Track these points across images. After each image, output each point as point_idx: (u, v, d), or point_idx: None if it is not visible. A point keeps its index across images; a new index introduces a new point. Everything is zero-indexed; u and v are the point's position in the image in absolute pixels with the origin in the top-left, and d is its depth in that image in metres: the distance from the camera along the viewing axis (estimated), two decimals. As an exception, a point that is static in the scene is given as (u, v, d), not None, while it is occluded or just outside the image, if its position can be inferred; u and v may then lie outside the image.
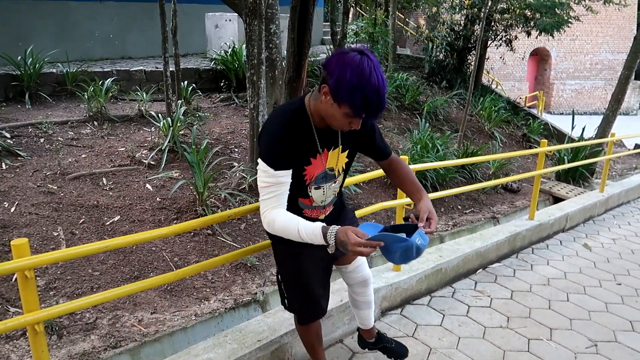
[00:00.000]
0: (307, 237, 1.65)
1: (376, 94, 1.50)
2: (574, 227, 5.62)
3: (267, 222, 1.73)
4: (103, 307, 3.26)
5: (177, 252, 3.92)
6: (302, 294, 2.09)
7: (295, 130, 1.69)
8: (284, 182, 1.70)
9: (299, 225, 1.66)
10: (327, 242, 1.60)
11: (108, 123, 5.81)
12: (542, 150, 4.84)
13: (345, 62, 1.50)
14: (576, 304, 3.70)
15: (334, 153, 1.84)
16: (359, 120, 1.61)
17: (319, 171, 1.82)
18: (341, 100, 1.52)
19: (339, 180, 1.94)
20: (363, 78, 1.47)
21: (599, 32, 23.54)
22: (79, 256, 3.08)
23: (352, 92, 1.48)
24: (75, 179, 4.54)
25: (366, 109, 1.52)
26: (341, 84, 1.49)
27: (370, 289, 2.39)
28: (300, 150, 1.72)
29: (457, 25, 11.52)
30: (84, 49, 8.78)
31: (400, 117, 8.68)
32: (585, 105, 24.01)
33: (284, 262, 2.06)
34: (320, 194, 1.89)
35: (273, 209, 1.71)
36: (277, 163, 1.67)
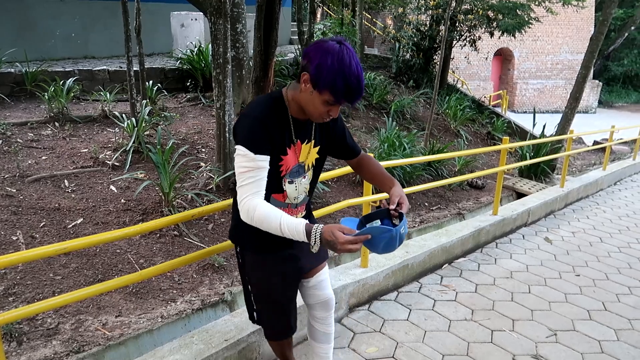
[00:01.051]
0: (288, 232, 1.58)
1: (357, 79, 1.52)
2: (536, 221, 5.79)
3: (246, 209, 1.63)
4: (65, 311, 3.18)
5: (142, 254, 3.86)
6: (274, 311, 2.03)
7: (274, 118, 1.68)
8: (263, 167, 1.65)
9: (282, 218, 1.59)
10: (310, 241, 1.56)
11: (70, 124, 5.67)
12: (504, 147, 4.97)
13: (325, 49, 1.52)
14: (537, 295, 3.81)
15: (307, 147, 1.83)
16: (338, 108, 1.63)
17: (294, 164, 1.81)
18: (322, 87, 1.54)
19: (308, 175, 1.91)
20: (344, 64, 1.50)
21: (559, 33, 24.31)
22: (33, 259, 3.00)
23: (334, 77, 1.50)
24: (35, 182, 4.41)
25: (347, 94, 1.54)
26: (322, 70, 1.51)
27: (331, 315, 2.22)
28: (279, 137, 1.71)
29: (423, 26, 11.71)
30: (45, 48, 8.52)
31: (368, 116, 8.76)
32: (547, 104, 24.76)
33: (254, 274, 1.99)
34: (293, 189, 1.86)
35: (253, 195, 1.64)
36: (257, 146, 1.63)
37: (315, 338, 2.27)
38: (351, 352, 2.87)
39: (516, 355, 2.94)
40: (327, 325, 2.22)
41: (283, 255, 1.94)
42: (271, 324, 2.11)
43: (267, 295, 2.02)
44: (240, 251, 2.00)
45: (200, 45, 8.10)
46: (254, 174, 1.64)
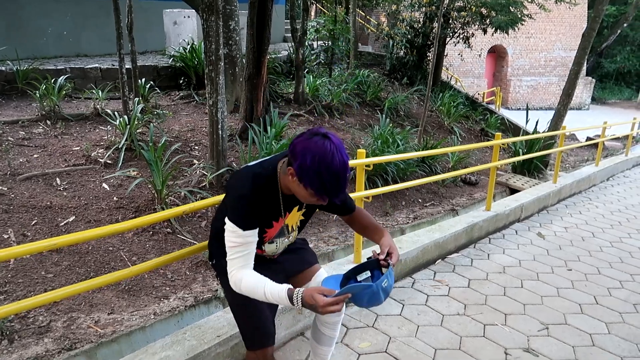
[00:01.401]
0: (272, 299, 1.68)
1: (336, 179, 1.55)
2: (529, 217, 5.82)
3: (233, 281, 1.75)
4: (57, 309, 3.17)
5: (135, 252, 3.85)
6: (251, 317, 1.96)
7: (264, 196, 1.74)
8: (251, 242, 1.75)
9: (265, 287, 1.69)
10: (293, 304, 1.64)
11: (62, 122, 5.63)
12: (497, 142, 4.99)
13: (307, 147, 1.55)
14: (530, 289, 3.83)
15: (293, 213, 1.91)
16: (325, 199, 1.66)
17: (277, 231, 1.91)
18: (305, 184, 1.59)
19: (292, 236, 2.00)
20: (323, 164, 1.53)
21: (552, 30, 24.40)
22: (23, 255, 2.99)
23: (312, 178, 1.55)
24: (27, 180, 4.39)
25: (326, 192, 1.58)
26: (303, 170, 1.56)
27: (340, 322, 2.25)
28: (266, 214, 1.80)
29: (417, 23, 11.71)
30: (37, 46, 8.46)
31: (362, 114, 8.77)
32: (541, 100, 24.86)
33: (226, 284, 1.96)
34: (273, 248, 1.96)
35: (240, 268, 1.75)
36: (245, 224, 1.71)
37: (320, 341, 2.28)
38: (344, 347, 2.88)
39: (508, 349, 2.96)
40: (335, 330, 2.25)
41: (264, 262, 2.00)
42: (252, 331, 2.00)
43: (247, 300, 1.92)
44: (216, 262, 2.04)
45: (193, 42, 8.07)
46: (243, 248, 1.74)
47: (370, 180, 5.86)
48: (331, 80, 9.22)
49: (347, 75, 9.77)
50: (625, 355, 2.96)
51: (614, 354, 2.96)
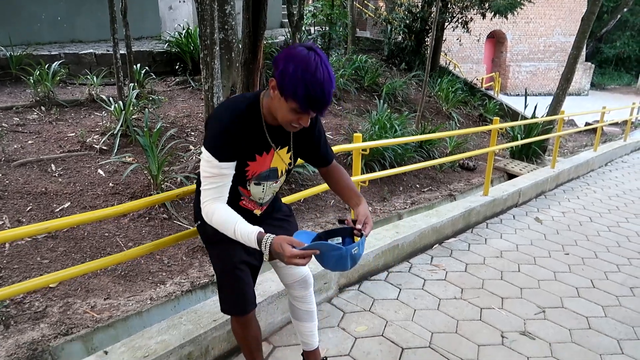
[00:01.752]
0: (241, 239, 1.64)
1: (320, 88, 1.48)
2: (527, 202, 5.81)
3: (205, 212, 1.70)
4: (53, 294, 3.16)
5: (131, 237, 3.83)
6: (234, 283, 1.89)
7: (245, 125, 1.67)
8: (226, 174, 1.68)
9: (237, 224, 1.64)
10: (261, 249, 1.60)
11: (56, 108, 5.59)
12: (495, 127, 4.96)
13: (290, 55, 1.49)
14: (527, 274, 3.83)
15: (280, 153, 1.82)
16: (307, 117, 1.59)
17: (263, 169, 1.80)
18: (286, 94, 1.51)
19: (280, 180, 1.92)
20: (307, 72, 1.46)
21: (552, 15, 24.19)
22: (14, 239, 2.97)
23: (295, 85, 1.47)
24: (21, 166, 4.35)
25: (310, 104, 1.50)
26: (285, 77, 1.49)
27: (311, 293, 2.18)
28: (247, 145, 1.70)
29: (415, 7, 11.60)
30: (31, 33, 8.37)
31: (359, 99, 8.71)
32: (540, 86, 24.75)
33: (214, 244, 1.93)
34: (260, 191, 1.86)
35: (214, 200, 1.69)
36: (221, 154, 1.64)
37: (298, 317, 2.23)
38: (341, 331, 2.88)
39: (505, 332, 2.96)
40: (308, 303, 2.19)
41: None
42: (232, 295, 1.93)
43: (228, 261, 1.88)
44: (201, 224, 1.95)
45: (188, 27, 7.99)
46: (217, 180, 1.68)
47: (368, 166, 5.84)
48: (328, 66, 9.14)
49: (345, 60, 9.70)
50: (622, 338, 2.96)
51: (610, 337, 2.97)
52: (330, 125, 6.93)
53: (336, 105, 8.03)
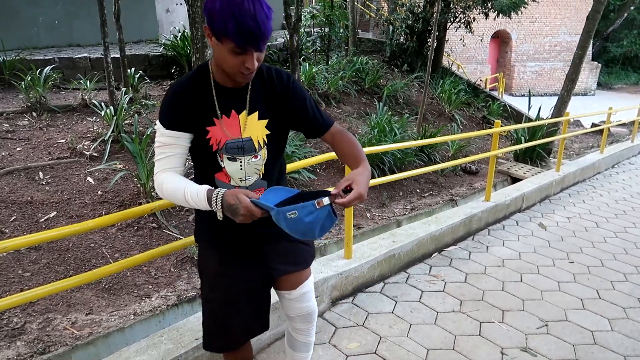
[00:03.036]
0: (192, 201, 1.49)
1: (252, 19, 1.35)
2: (530, 206, 5.64)
3: (157, 184, 1.58)
4: (33, 309, 3.04)
5: (118, 248, 3.71)
6: (212, 313, 1.79)
7: (195, 88, 1.55)
8: (176, 144, 1.56)
9: (186, 187, 1.51)
10: (212, 206, 1.46)
11: (48, 114, 5.48)
12: (496, 130, 4.80)
13: None
14: (529, 284, 3.67)
15: (249, 119, 1.61)
16: (251, 58, 1.43)
17: (230, 138, 1.60)
18: (219, 35, 1.39)
19: (261, 155, 1.65)
20: (234, 5, 1.35)
21: (557, 14, 23.94)
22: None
23: (225, 20, 1.35)
24: (8, 174, 4.25)
25: (244, 37, 1.37)
26: (213, 15, 1.37)
27: (313, 327, 2.01)
28: (199, 108, 1.56)
29: (417, 8, 11.44)
30: (27, 36, 8.30)
31: (359, 102, 8.57)
32: (546, 86, 24.49)
33: (202, 262, 1.81)
34: (237, 169, 1.63)
35: (164, 171, 1.57)
36: (168, 121, 1.54)
37: (294, 347, 2.06)
38: (331, 348, 2.73)
39: (505, 348, 2.81)
40: (309, 335, 2.02)
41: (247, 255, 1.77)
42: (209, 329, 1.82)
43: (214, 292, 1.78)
44: (199, 248, 1.85)
45: (184, 30, 7.87)
46: (165, 149, 1.57)
47: (367, 171, 5.69)
48: (328, 68, 9.01)
49: (345, 62, 9.55)
50: (629, 354, 2.80)
51: (616, 353, 2.81)
52: (329, 129, 6.79)
53: (336, 109, 7.89)
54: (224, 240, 1.74)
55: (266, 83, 1.64)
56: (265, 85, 1.63)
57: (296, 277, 1.83)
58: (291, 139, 5.40)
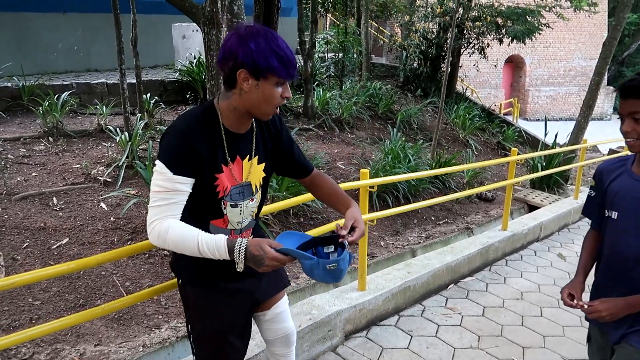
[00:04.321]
0: (208, 251, 1.40)
1: (287, 49, 1.43)
2: (549, 236, 5.51)
3: (157, 231, 1.43)
4: (42, 340, 2.99)
5: (129, 276, 3.66)
6: (217, 351, 1.75)
7: (204, 131, 1.49)
8: (181, 191, 1.45)
9: (199, 235, 1.41)
10: (234, 257, 1.39)
11: (64, 139, 5.53)
12: (513, 159, 4.73)
13: (243, 37, 1.40)
14: (550, 319, 3.55)
15: (249, 164, 1.61)
16: (287, 87, 1.50)
17: (233, 184, 1.58)
18: (263, 71, 1.41)
19: (256, 198, 1.68)
20: (269, 41, 1.41)
21: (571, 39, 23.91)
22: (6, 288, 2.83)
23: (267, 56, 1.39)
24: (23, 200, 4.26)
25: (287, 67, 1.43)
26: (254, 55, 1.39)
27: (292, 353, 1.98)
28: (209, 153, 1.50)
29: (430, 34, 11.50)
30: (47, 62, 8.47)
31: (373, 127, 8.55)
32: (560, 111, 24.31)
33: (195, 308, 1.74)
34: (237, 213, 1.63)
35: (166, 217, 1.44)
36: (177, 165, 1.43)
37: None
38: (344, 387, 2.64)
39: (526, 390, 2.69)
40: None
41: (233, 287, 1.70)
42: None
43: (214, 336, 1.73)
44: (182, 284, 1.75)
45: (200, 56, 7.97)
46: (169, 195, 1.44)
47: (380, 197, 5.62)
48: (342, 93, 9.03)
49: (359, 87, 9.58)
50: (659, 399, 2.65)
51: (645, 397, 2.66)
52: (343, 155, 6.76)
53: (349, 134, 7.88)
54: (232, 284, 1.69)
55: (262, 126, 1.66)
56: (262, 128, 1.66)
57: (271, 298, 1.87)
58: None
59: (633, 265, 1.63)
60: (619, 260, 1.68)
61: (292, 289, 3.82)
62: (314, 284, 3.94)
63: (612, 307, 1.61)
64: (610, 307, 1.61)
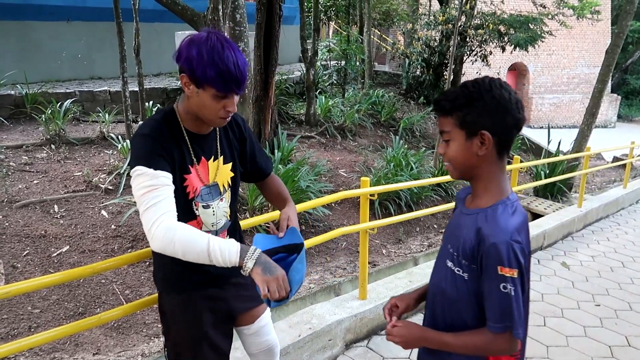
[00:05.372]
0: (219, 253, 1.33)
1: (232, 62, 1.37)
2: (552, 244, 5.45)
3: (162, 233, 1.33)
4: (40, 349, 2.97)
5: (129, 284, 3.65)
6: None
7: (167, 133, 1.48)
8: (168, 185, 1.41)
9: (210, 237, 1.35)
10: (242, 258, 1.34)
11: (66, 146, 5.55)
12: (516, 167, 4.70)
13: (191, 42, 1.38)
14: (553, 328, 3.50)
15: (215, 164, 1.60)
16: (232, 101, 1.44)
17: (201, 185, 1.57)
18: (200, 81, 1.38)
19: (226, 198, 1.65)
20: (213, 51, 1.36)
21: (575, 47, 23.92)
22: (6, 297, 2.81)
23: (204, 67, 1.35)
24: (23, 207, 4.26)
25: (225, 82, 1.37)
26: (192, 64, 1.36)
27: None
28: (176, 155, 1.49)
29: (433, 41, 11.52)
30: (50, 70, 8.52)
31: (375, 134, 8.54)
32: (564, 118, 24.27)
33: (171, 316, 1.70)
34: (210, 214, 1.60)
35: (165, 216, 1.35)
36: (155, 161, 1.40)
37: None
38: (344, 398, 2.61)
39: (529, 401, 2.64)
40: None
41: (210, 294, 1.68)
42: None
43: (188, 343, 1.68)
44: (159, 294, 1.73)
45: (203, 64, 8.01)
46: (159, 192, 1.37)
47: (382, 205, 5.60)
48: (344, 101, 9.04)
49: (362, 95, 9.59)
50: (664, 411, 2.61)
51: (650, 409, 2.62)
52: (345, 162, 6.75)
53: (351, 142, 7.87)
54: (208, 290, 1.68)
55: (227, 127, 1.66)
56: (226, 129, 1.66)
57: (253, 311, 1.85)
58: (306, 173, 5.35)
59: (433, 296, 1.46)
60: (430, 290, 1.50)
61: (293, 297, 3.79)
62: (314, 293, 3.91)
63: (406, 334, 1.40)
64: (404, 335, 1.39)
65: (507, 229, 1.22)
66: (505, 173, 1.32)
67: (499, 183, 1.31)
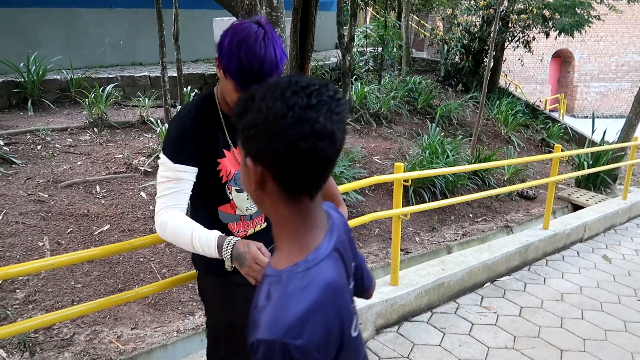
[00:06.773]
0: (200, 247, 1.40)
1: (258, 63, 1.33)
2: (593, 237, 5.29)
3: (159, 223, 1.47)
4: (82, 321, 3.11)
5: (165, 263, 3.76)
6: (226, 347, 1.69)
7: (203, 118, 1.50)
8: (183, 179, 1.47)
9: (194, 230, 1.41)
10: (221, 255, 1.37)
11: (107, 129, 5.72)
12: (556, 155, 4.56)
13: (230, 29, 1.37)
14: (591, 322, 3.41)
15: None
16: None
17: (237, 168, 1.57)
18: (224, 71, 1.38)
19: None
20: (243, 44, 1.32)
21: (624, 33, 22.82)
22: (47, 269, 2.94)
23: (228, 59, 1.34)
24: (68, 187, 4.43)
25: (246, 78, 1.35)
26: (221, 50, 1.36)
27: None
28: (209, 140, 1.51)
29: (473, 27, 11.21)
30: (95, 56, 8.76)
31: (411, 122, 8.43)
32: (611, 108, 23.28)
33: (210, 300, 1.73)
34: (244, 199, 1.61)
35: (169, 208, 1.46)
36: (176, 155, 1.46)
37: None
38: (373, 381, 2.62)
39: (563, 393, 2.59)
40: None
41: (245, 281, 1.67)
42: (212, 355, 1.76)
43: (224, 330, 1.69)
44: (199, 275, 1.75)
45: (240, 50, 8.07)
46: (172, 185, 1.46)
47: (417, 193, 5.54)
48: (380, 88, 8.94)
49: (398, 82, 9.46)
50: None
51: (693, 408, 2.53)
52: (380, 149, 6.70)
53: (387, 129, 7.79)
54: None
55: None
56: None
57: None
58: (340, 159, 5.34)
59: None
60: None
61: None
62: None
63: None
64: None
65: (281, 320, 0.78)
66: (310, 220, 0.90)
67: (297, 233, 0.89)
